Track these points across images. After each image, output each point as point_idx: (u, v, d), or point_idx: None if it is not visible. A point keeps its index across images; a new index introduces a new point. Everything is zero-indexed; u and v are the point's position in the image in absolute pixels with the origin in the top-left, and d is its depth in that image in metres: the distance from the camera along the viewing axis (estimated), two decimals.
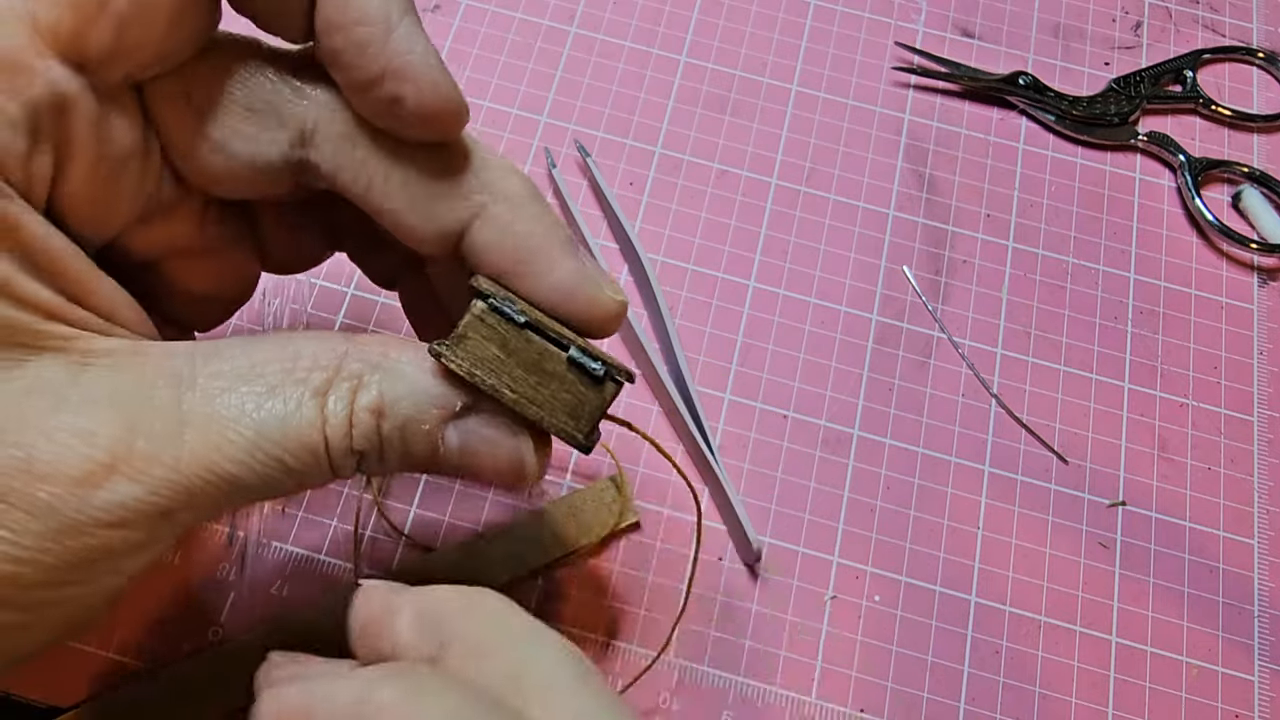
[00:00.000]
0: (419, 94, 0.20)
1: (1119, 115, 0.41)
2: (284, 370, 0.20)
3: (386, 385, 0.20)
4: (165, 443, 0.19)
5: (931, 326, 0.37)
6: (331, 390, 0.20)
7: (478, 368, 0.20)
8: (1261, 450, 0.36)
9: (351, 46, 0.19)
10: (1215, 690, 0.32)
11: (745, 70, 0.42)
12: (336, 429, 0.20)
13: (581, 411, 0.21)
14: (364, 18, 0.19)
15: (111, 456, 0.18)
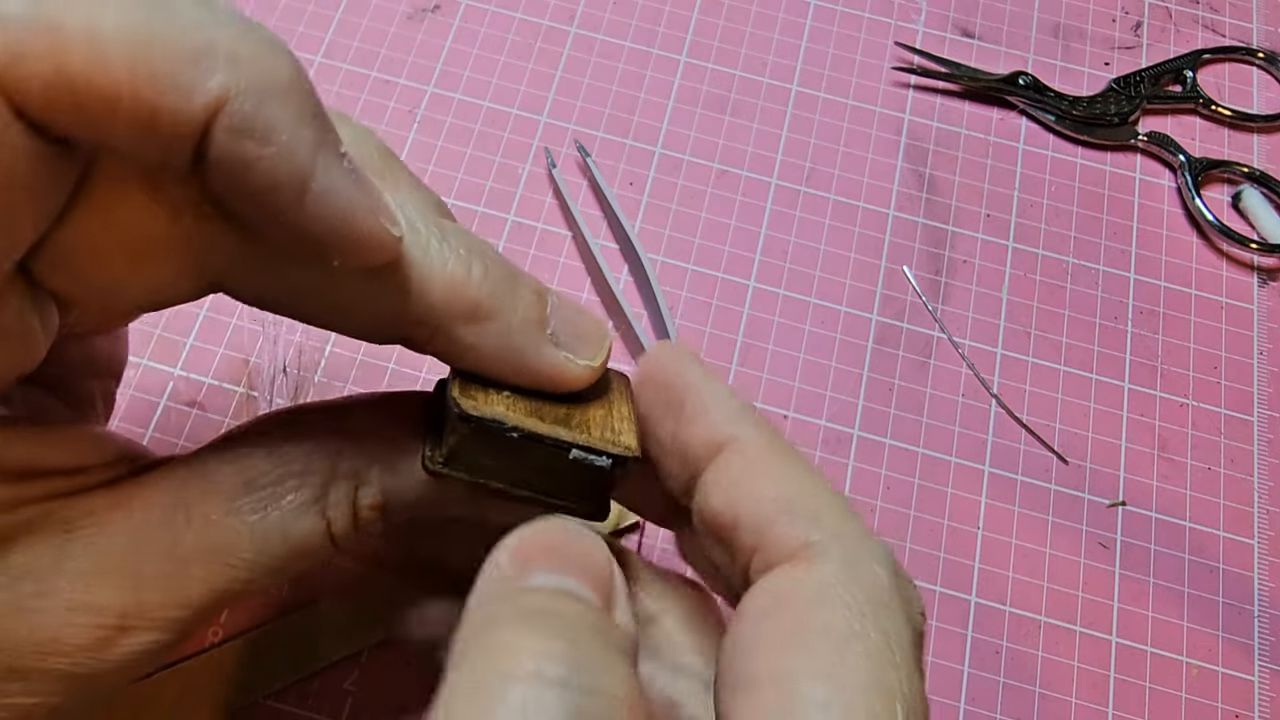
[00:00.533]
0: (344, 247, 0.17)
1: (1119, 115, 0.41)
2: (277, 482, 0.19)
3: (387, 479, 0.20)
4: (171, 588, 0.18)
5: (931, 326, 0.37)
6: (330, 492, 0.20)
7: (478, 476, 0.19)
8: (1261, 450, 0.36)
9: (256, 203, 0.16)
10: (1215, 690, 0.32)
11: (745, 70, 0.42)
12: (341, 530, 0.20)
13: (594, 493, 0.20)
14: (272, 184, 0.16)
15: (121, 619, 0.18)
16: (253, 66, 0.15)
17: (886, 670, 0.16)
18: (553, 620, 0.16)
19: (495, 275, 0.19)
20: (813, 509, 0.18)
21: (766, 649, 0.16)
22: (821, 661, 0.16)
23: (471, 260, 0.18)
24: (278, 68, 0.15)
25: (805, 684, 0.16)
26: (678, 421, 0.20)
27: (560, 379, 0.20)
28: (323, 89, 0.40)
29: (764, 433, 0.20)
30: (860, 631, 0.16)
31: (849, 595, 0.17)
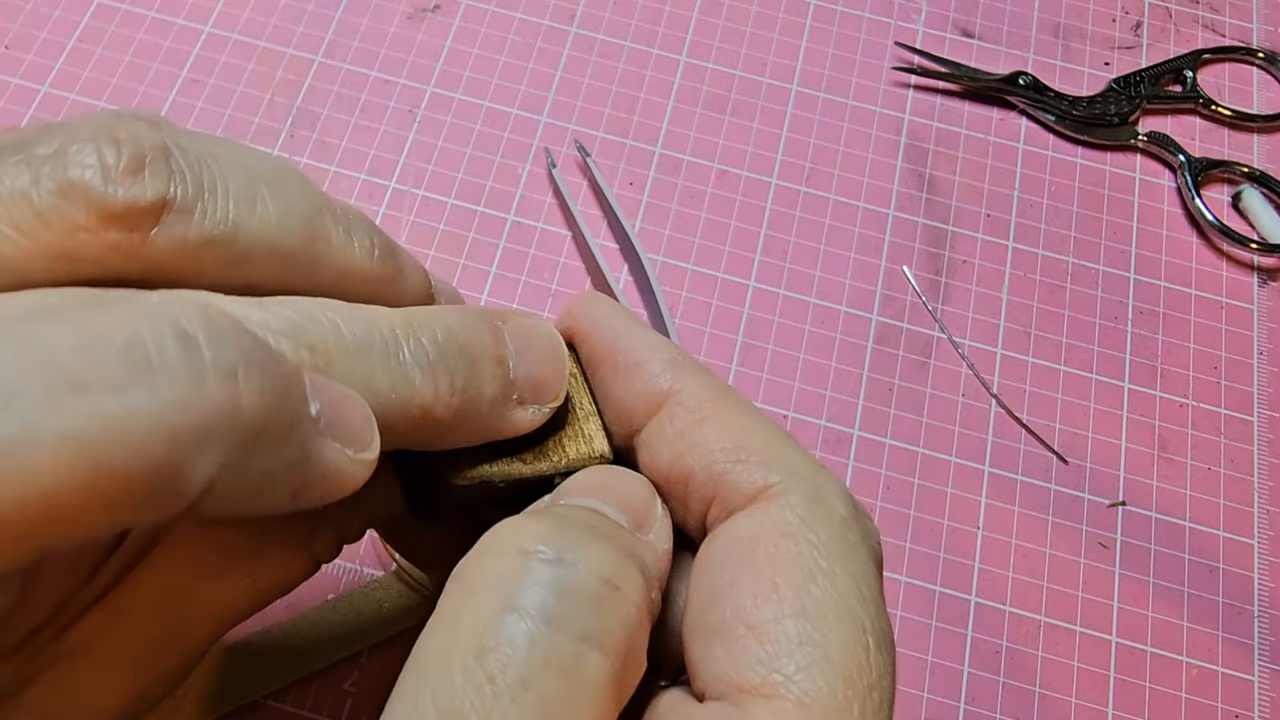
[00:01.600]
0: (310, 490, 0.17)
1: (1119, 115, 0.41)
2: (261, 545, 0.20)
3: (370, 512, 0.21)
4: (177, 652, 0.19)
5: (931, 326, 0.37)
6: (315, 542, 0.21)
7: (470, 515, 0.20)
8: (1261, 450, 0.36)
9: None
10: (1215, 690, 0.32)
11: (745, 70, 0.42)
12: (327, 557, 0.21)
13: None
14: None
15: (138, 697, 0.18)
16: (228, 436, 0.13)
17: (854, 605, 0.16)
18: (561, 516, 0.16)
19: (461, 378, 0.18)
20: (766, 452, 0.18)
21: (737, 595, 0.16)
22: (793, 601, 0.16)
23: (437, 376, 0.17)
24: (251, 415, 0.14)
25: (779, 625, 0.16)
26: (613, 376, 0.20)
27: (528, 430, 0.19)
28: (323, 89, 0.40)
29: (704, 380, 0.19)
30: (827, 569, 0.16)
31: (813, 534, 0.17)
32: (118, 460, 0.12)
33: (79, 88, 0.39)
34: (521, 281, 0.37)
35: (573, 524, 0.16)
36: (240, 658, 0.30)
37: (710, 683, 0.16)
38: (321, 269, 0.18)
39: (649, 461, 0.19)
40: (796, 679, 0.15)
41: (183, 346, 0.13)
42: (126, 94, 0.39)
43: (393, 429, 0.17)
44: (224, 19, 0.41)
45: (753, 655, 0.16)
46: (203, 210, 0.16)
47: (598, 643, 0.15)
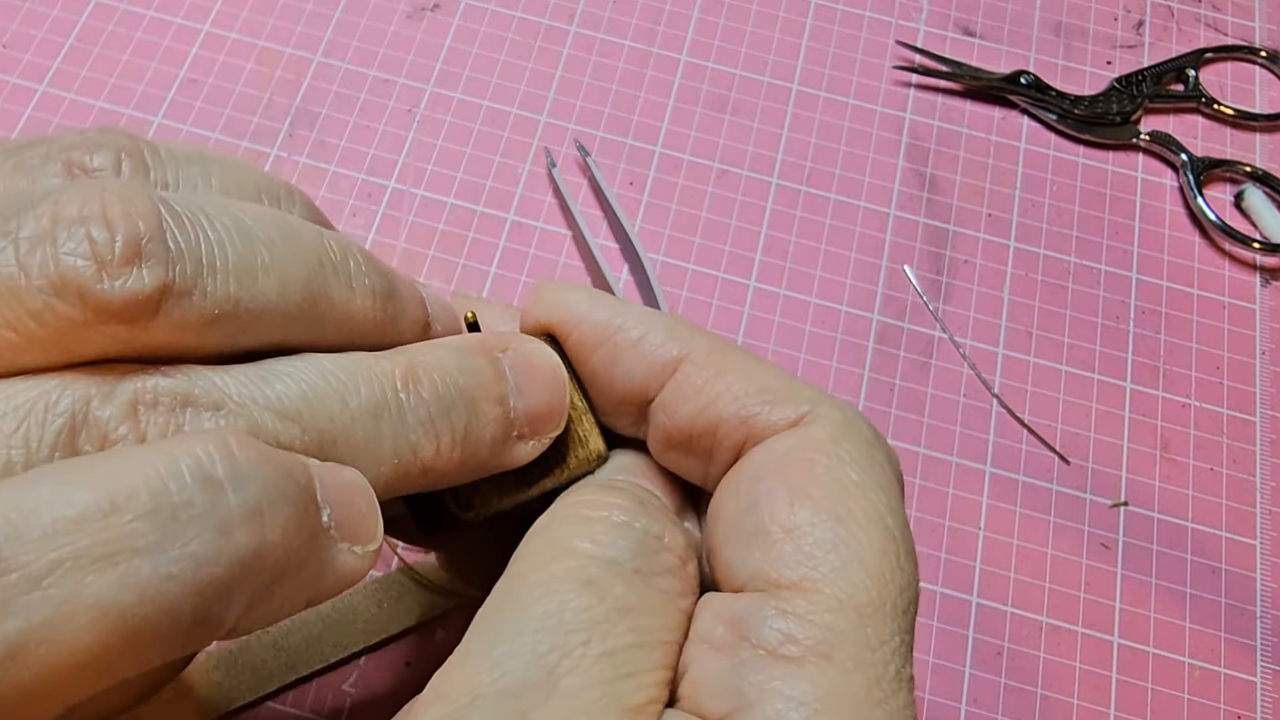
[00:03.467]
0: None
1: (1121, 114, 0.41)
2: None
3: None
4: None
5: (932, 326, 0.37)
6: None
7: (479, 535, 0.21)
8: (1264, 450, 0.36)
9: None
10: (1218, 691, 0.32)
11: (746, 69, 0.42)
12: None
13: None
14: None
15: None
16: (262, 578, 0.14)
17: (884, 514, 0.17)
18: (618, 490, 0.18)
19: (461, 426, 0.18)
20: (789, 391, 0.19)
21: (772, 502, 0.17)
22: (828, 507, 0.17)
23: (439, 431, 0.18)
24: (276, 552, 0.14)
25: (815, 528, 0.17)
26: (615, 359, 0.20)
27: (528, 460, 0.19)
28: (322, 88, 0.40)
29: (708, 339, 0.20)
30: (859, 481, 0.17)
31: (845, 451, 0.18)
32: (150, 621, 0.12)
33: (77, 87, 0.39)
34: (521, 281, 0.37)
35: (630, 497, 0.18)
36: (240, 658, 0.30)
37: (748, 580, 0.17)
38: (324, 327, 0.18)
39: (668, 424, 0.19)
40: (831, 576, 0.16)
41: (209, 495, 0.13)
42: (125, 93, 0.39)
43: (395, 489, 0.17)
44: (222, 18, 0.41)
45: (790, 555, 0.17)
46: (203, 291, 0.15)
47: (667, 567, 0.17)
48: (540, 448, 0.19)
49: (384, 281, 0.19)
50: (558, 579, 0.16)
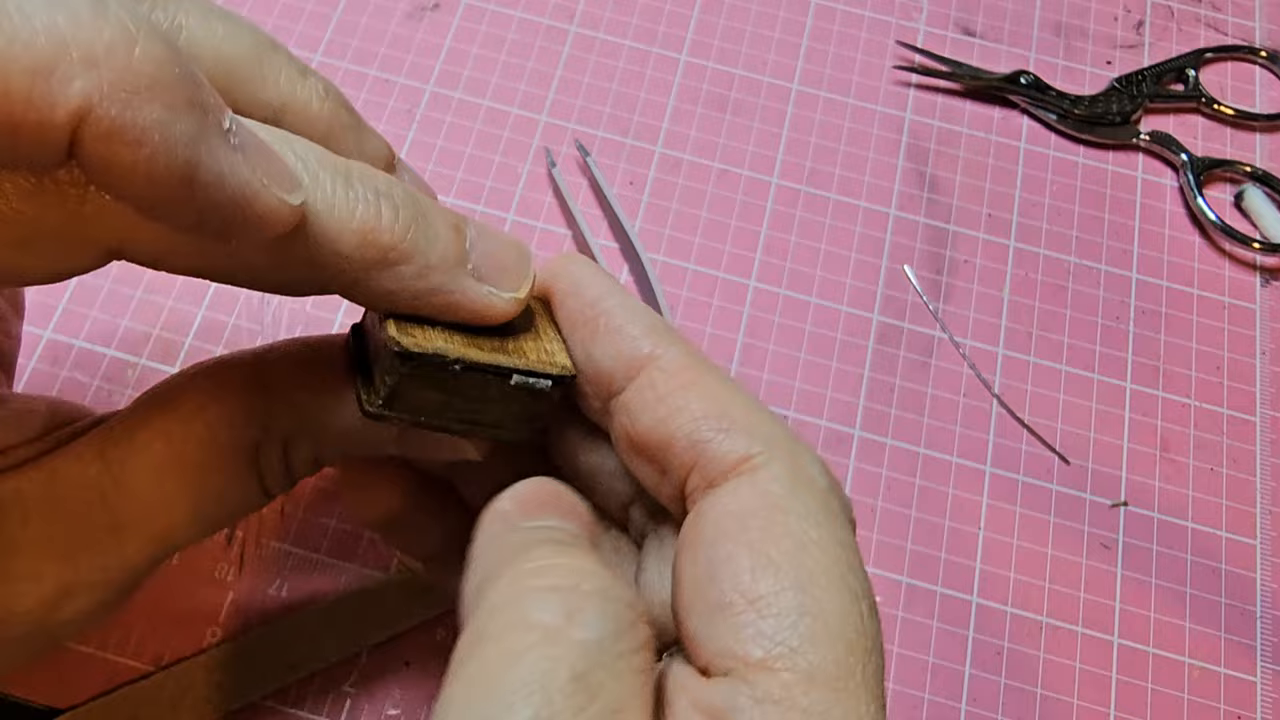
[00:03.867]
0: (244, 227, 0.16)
1: (1121, 114, 0.41)
2: (205, 444, 0.19)
3: (319, 433, 0.21)
4: (109, 555, 0.19)
5: (932, 326, 0.37)
6: (263, 455, 0.20)
7: (420, 414, 0.19)
8: (1264, 450, 0.36)
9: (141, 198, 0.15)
10: (1217, 691, 0.32)
11: (746, 69, 0.42)
12: (275, 483, 0.20)
13: (534, 415, 0.20)
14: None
15: (61, 588, 0.19)
16: (113, 65, 0.13)
17: (846, 573, 0.17)
18: (569, 550, 0.16)
19: (406, 216, 0.18)
20: (746, 421, 0.18)
21: (733, 569, 0.17)
22: (789, 573, 0.16)
23: (381, 205, 0.18)
24: (142, 61, 0.14)
25: (778, 597, 0.16)
26: (592, 339, 0.20)
27: (485, 313, 0.19)
28: None
29: (683, 349, 0.20)
30: (817, 539, 0.17)
31: (800, 505, 0.17)
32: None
33: None
34: None
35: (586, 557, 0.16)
36: (240, 658, 0.30)
37: (714, 659, 0.16)
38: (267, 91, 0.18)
39: (628, 426, 0.19)
40: (801, 650, 0.16)
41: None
42: None
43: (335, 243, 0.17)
44: None
45: (755, 629, 0.16)
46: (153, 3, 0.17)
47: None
48: (499, 301, 0.19)
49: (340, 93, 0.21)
50: (543, 674, 0.14)
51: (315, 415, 0.20)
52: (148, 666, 0.30)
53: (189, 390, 0.20)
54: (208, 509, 0.20)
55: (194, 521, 0.20)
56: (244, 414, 0.20)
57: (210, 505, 0.20)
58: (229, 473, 0.20)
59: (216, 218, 0.15)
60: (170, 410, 0.20)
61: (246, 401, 0.20)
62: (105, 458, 0.19)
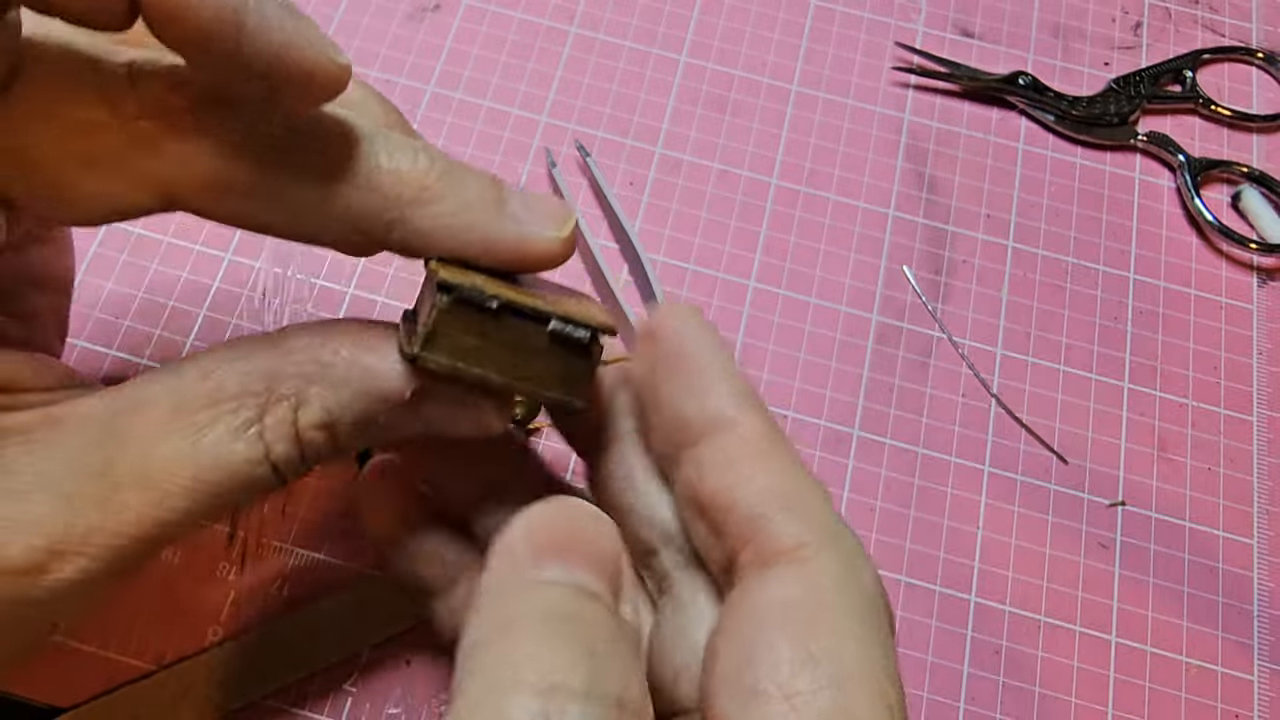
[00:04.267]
0: (297, 78, 0.17)
1: (1118, 115, 0.41)
2: (210, 405, 0.19)
3: (329, 397, 0.19)
4: (105, 511, 0.18)
5: (931, 326, 0.37)
6: (268, 416, 0.19)
7: (458, 359, 0.19)
8: (1261, 450, 0.36)
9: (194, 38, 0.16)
10: (1215, 690, 0.32)
11: (745, 70, 0.42)
12: (283, 454, 0.19)
13: (575, 376, 0.20)
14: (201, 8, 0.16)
15: (50, 541, 0.18)
16: None
17: (882, 679, 0.17)
18: (572, 626, 0.16)
19: (442, 164, 0.19)
20: (808, 507, 0.18)
21: (773, 659, 0.17)
22: (828, 672, 0.16)
23: (417, 152, 0.19)
24: None
25: (816, 696, 0.16)
26: (680, 387, 0.20)
27: (527, 252, 0.20)
28: None
29: (764, 420, 0.20)
30: (860, 638, 0.17)
31: (848, 602, 0.17)
32: None
33: None
34: None
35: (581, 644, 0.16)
36: (241, 657, 0.30)
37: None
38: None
39: (695, 481, 0.19)
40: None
41: None
42: None
43: (374, 178, 0.18)
44: None
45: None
46: None
47: None
48: (538, 239, 0.20)
49: None
50: None
51: (327, 377, 0.20)
52: (149, 665, 0.30)
53: (199, 352, 0.20)
54: (210, 476, 0.19)
55: (194, 492, 0.19)
56: (252, 370, 0.19)
57: (213, 472, 0.19)
58: (234, 433, 0.19)
59: (263, 64, 0.16)
60: (177, 367, 0.20)
61: (255, 358, 0.20)
62: (111, 408, 0.19)
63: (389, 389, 0.20)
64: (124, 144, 0.18)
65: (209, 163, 0.18)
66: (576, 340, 0.19)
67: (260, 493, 0.20)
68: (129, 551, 0.18)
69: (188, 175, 0.18)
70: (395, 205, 0.19)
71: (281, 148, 0.19)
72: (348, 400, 0.19)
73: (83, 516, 0.18)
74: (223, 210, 0.19)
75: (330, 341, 0.20)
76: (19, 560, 0.17)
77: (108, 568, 0.18)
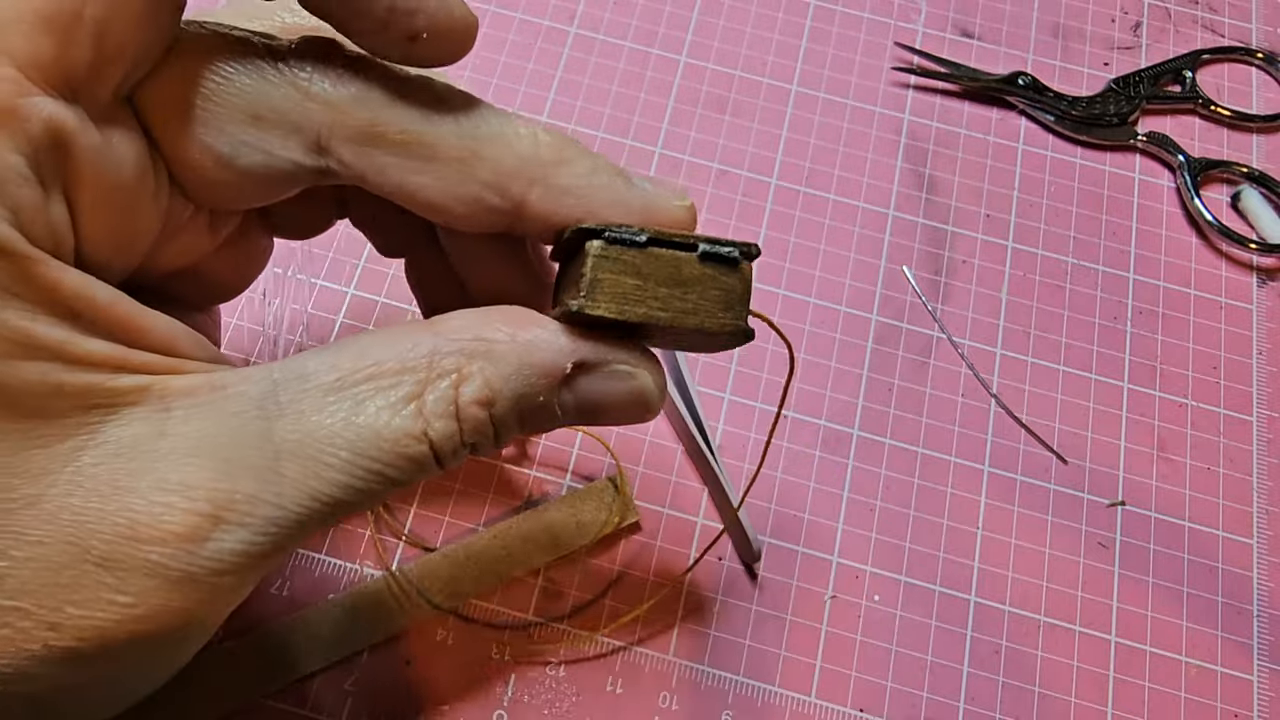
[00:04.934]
0: (434, 24, 0.19)
1: (1118, 115, 0.41)
2: (369, 379, 0.19)
3: (491, 371, 0.19)
4: (265, 480, 0.18)
5: (931, 326, 0.37)
6: (429, 392, 0.19)
7: (623, 303, 0.19)
8: (1260, 450, 0.36)
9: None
10: (1214, 690, 0.32)
11: (745, 70, 0.42)
12: (443, 431, 0.19)
13: (733, 300, 0.20)
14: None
15: (214, 506, 0.18)
16: None
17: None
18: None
19: (563, 137, 0.21)
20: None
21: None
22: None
23: (538, 128, 0.21)
24: None
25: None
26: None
27: (656, 215, 0.21)
28: None
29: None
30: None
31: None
32: None
33: None
34: None
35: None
36: (241, 657, 0.30)
37: None
38: None
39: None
40: None
41: None
42: None
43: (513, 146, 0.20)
44: None
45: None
46: None
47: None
48: (669, 202, 0.21)
49: None
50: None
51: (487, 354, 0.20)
52: None
53: (357, 334, 0.21)
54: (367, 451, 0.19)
55: (351, 466, 0.19)
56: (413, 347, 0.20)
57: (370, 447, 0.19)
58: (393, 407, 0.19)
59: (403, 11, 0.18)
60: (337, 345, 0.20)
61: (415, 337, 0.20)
62: (272, 379, 0.19)
63: (550, 362, 0.20)
64: (287, 96, 0.19)
65: (360, 111, 0.19)
66: (726, 257, 0.20)
67: (416, 477, 0.19)
68: (286, 526, 0.18)
69: (341, 122, 0.19)
70: (537, 165, 0.20)
71: (428, 105, 0.20)
72: (509, 374, 0.19)
73: (241, 483, 0.18)
74: (374, 167, 0.20)
75: (491, 320, 0.20)
76: (179, 528, 0.17)
77: (268, 542, 0.18)
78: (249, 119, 0.19)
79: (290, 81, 0.19)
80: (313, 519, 0.19)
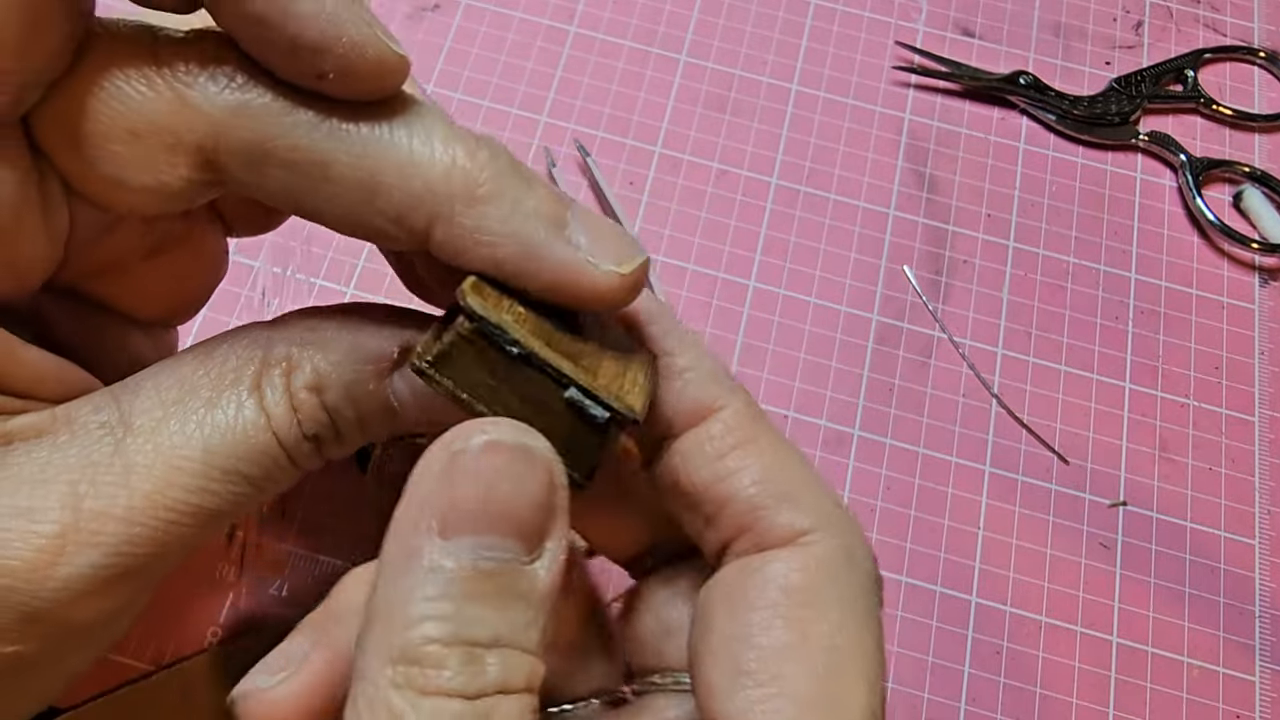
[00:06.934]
0: (343, 66, 0.17)
1: (1120, 115, 0.41)
2: (212, 378, 0.19)
3: (319, 359, 0.19)
4: (112, 495, 0.17)
5: (932, 326, 0.37)
6: (264, 381, 0.19)
7: (465, 390, 0.17)
8: (1262, 450, 0.36)
9: (245, 22, 0.16)
10: (1216, 691, 0.32)
11: (745, 70, 0.42)
12: (281, 420, 0.19)
13: (578, 450, 0.18)
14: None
15: (59, 527, 0.17)
16: None
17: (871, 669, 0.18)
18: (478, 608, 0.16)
19: (504, 164, 0.18)
20: (806, 494, 0.19)
21: (768, 640, 0.17)
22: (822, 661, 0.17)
23: (478, 146, 0.18)
24: None
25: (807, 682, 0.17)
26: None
27: (577, 282, 0.18)
28: None
29: (745, 402, 0.19)
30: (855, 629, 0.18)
31: (845, 590, 0.18)
32: None
33: None
34: None
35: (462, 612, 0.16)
36: (241, 657, 0.30)
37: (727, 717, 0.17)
38: None
39: (686, 474, 0.19)
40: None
41: None
42: None
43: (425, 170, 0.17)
44: None
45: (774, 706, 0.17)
46: None
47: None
48: (594, 270, 0.18)
49: None
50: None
51: (319, 343, 0.19)
52: (148, 666, 0.30)
53: (201, 341, 0.20)
54: (218, 448, 0.18)
55: (206, 468, 0.18)
56: (249, 343, 0.19)
57: (220, 444, 0.18)
58: (236, 403, 0.19)
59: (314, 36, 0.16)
60: (179, 354, 0.20)
61: (251, 334, 0.20)
62: (118, 398, 0.19)
63: (376, 348, 0.19)
64: (171, 115, 0.17)
65: (245, 124, 0.17)
66: (591, 416, 0.17)
67: (274, 475, 0.19)
68: (140, 543, 0.18)
69: (225, 135, 0.17)
70: (442, 199, 0.17)
71: (329, 115, 0.18)
72: (338, 359, 0.19)
73: (88, 501, 0.17)
74: (265, 187, 0.18)
75: (325, 312, 0.20)
76: (24, 554, 0.17)
77: (122, 560, 0.18)
78: (129, 135, 0.17)
79: (171, 88, 0.17)
80: (172, 531, 0.18)
